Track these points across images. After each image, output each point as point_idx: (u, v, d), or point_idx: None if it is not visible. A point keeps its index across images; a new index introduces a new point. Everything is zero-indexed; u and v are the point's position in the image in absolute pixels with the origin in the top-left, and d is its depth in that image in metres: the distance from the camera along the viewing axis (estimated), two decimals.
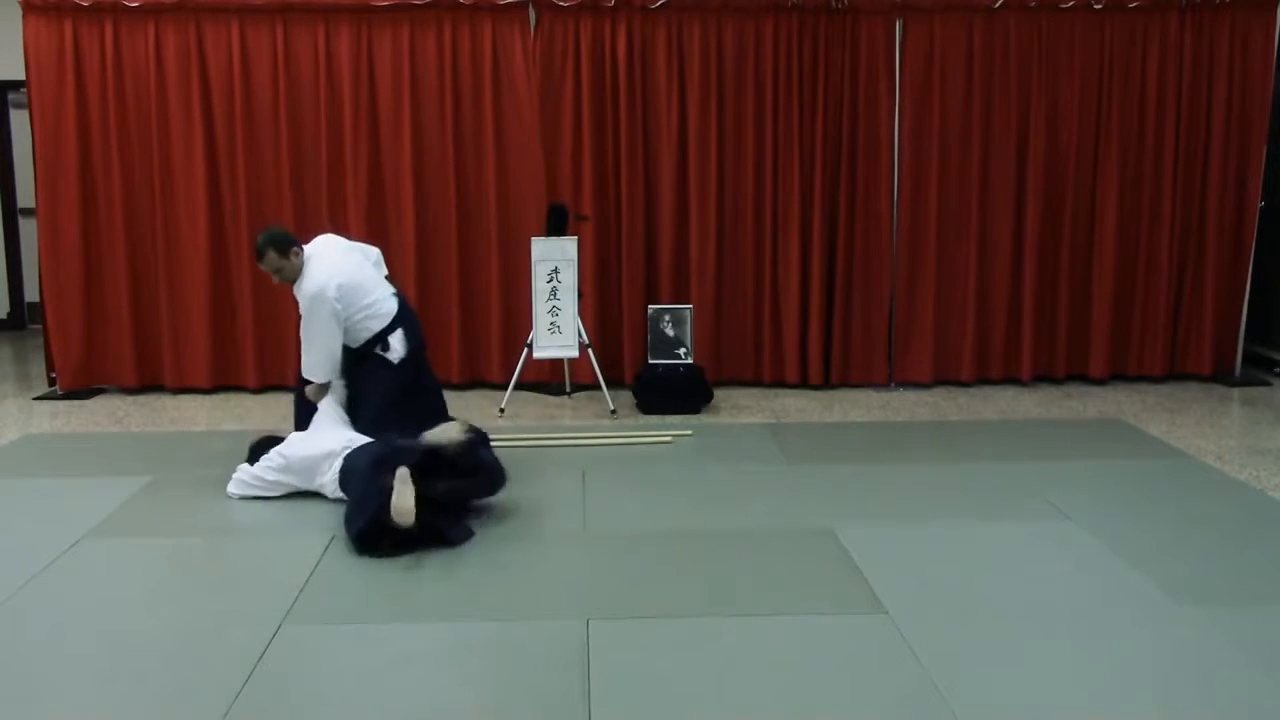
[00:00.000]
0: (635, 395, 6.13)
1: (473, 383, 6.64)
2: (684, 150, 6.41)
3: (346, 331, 4.61)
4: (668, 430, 5.55)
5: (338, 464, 4.31)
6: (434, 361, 6.54)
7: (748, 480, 4.76)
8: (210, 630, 3.29)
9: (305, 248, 4.67)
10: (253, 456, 4.57)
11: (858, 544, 3.93)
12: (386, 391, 4.60)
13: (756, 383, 6.67)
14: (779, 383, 6.64)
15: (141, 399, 6.45)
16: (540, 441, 5.36)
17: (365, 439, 4.42)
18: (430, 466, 3.95)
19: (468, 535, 3.97)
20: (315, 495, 4.47)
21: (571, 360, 6.33)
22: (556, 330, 6.02)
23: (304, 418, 4.71)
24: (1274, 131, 6.66)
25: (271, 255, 4.55)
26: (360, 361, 4.70)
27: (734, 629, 3.29)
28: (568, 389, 6.48)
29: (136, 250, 6.44)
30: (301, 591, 3.56)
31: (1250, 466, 4.95)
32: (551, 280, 5.95)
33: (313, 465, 4.39)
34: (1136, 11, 6.42)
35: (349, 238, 6.36)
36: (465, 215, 6.44)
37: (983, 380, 6.70)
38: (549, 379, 6.52)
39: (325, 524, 4.17)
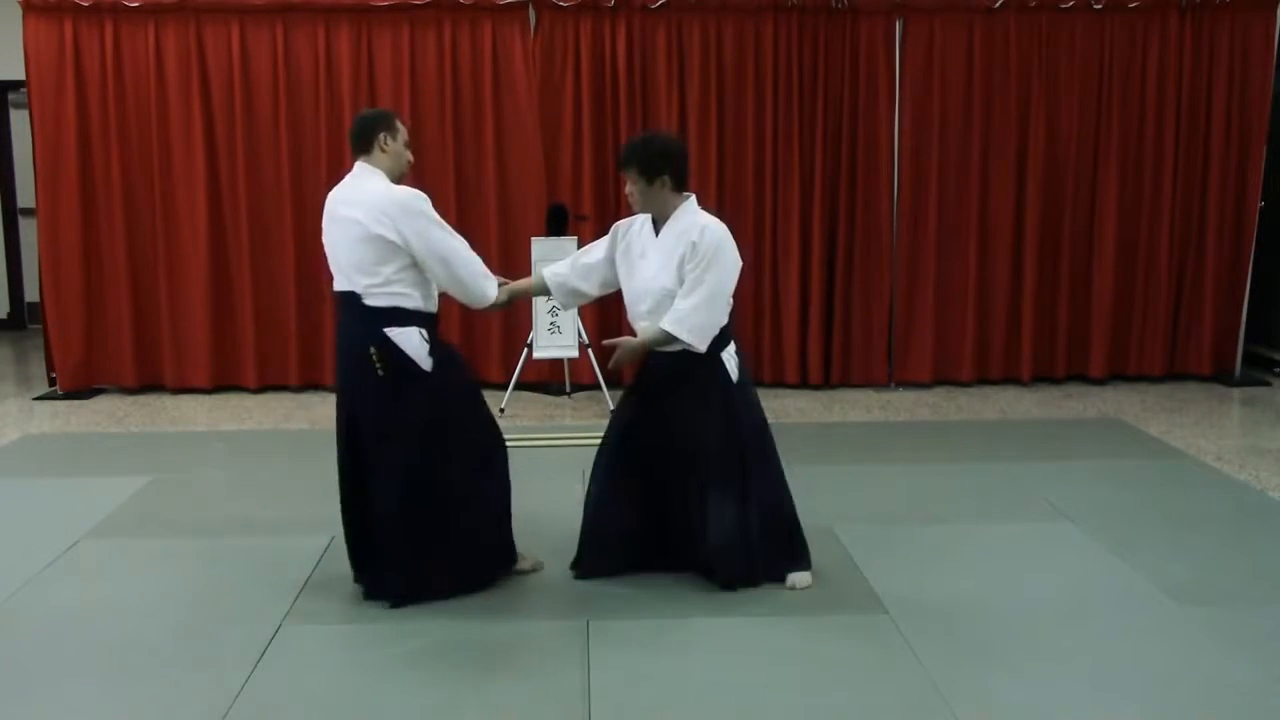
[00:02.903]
0: None
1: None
2: None
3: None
4: None
5: None
6: None
7: None
8: (210, 630, 3.29)
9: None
10: None
11: (858, 544, 3.93)
12: None
13: (756, 383, 6.64)
14: (779, 383, 6.64)
15: (141, 399, 6.45)
16: (540, 441, 5.36)
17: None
18: None
19: None
20: (314, 496, 4.46)
21: (571, 360, 6.33)
22: (556, 330, 6.02)
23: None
24: (1274, 131, 6.66)
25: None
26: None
27: (734, 629, 3.29)
28: (568, 389, 6.48)
29: (136, 250, 6.44)
30: (301, 591, 3.56)
31: (1250, 466, 4.95)
32: None
33: None
34: (1136, 11, 6.42)
35: None
36: (465, 215, 6.44)
37: (983, 380, 6.69)
38: (549, 379, 6.52)
39: (325, 524, 4.16)
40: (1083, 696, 2.88)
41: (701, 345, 3.40)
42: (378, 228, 3.33)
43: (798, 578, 3.57)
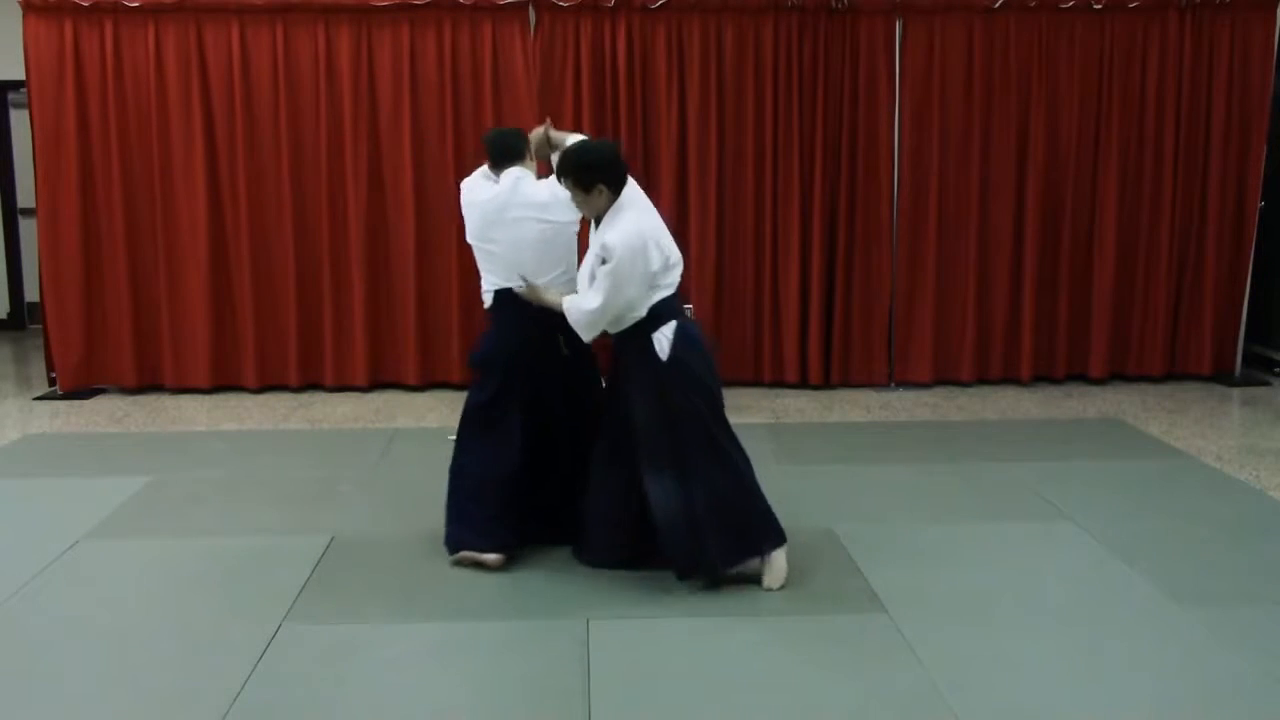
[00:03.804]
0: None
1: None
2: (684, 150, 6.41)
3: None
4: None
5: None
6: (435, 361, 6.57)
7: None
8: (210, 630, 3.29)
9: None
10: None
11: (858, 544, 3.93)
12: None
13: (756, 383, 6.67)
14: (779, 383, 6.64)
15: (141, 399, 6.44)
16: None
17: None
18: None
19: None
20: (314, 496, 4.47)
21: None
22: None
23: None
24: (1274, 131, 6.66)
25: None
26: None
27: (734, 629, 3.29)
28: None
29: (136, 250, 6.44)
30: (301, 591, 3.56)
31: (1250, 466, 4.95)
32: None
33: None
34: (1136, 11, 6.42)
35: (348, 238, 6.42)
36: None
37: (983, 380, 6.69)
38: None
39: (325, 524, 4.17)
40: (1083, 696, 2.88)
41: (583, 335, 3.56)
42: (572, 226, 3.72)
43: (772, 579, 3.55)
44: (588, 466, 3.72)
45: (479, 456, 3.75)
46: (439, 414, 6.00)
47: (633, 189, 3.55)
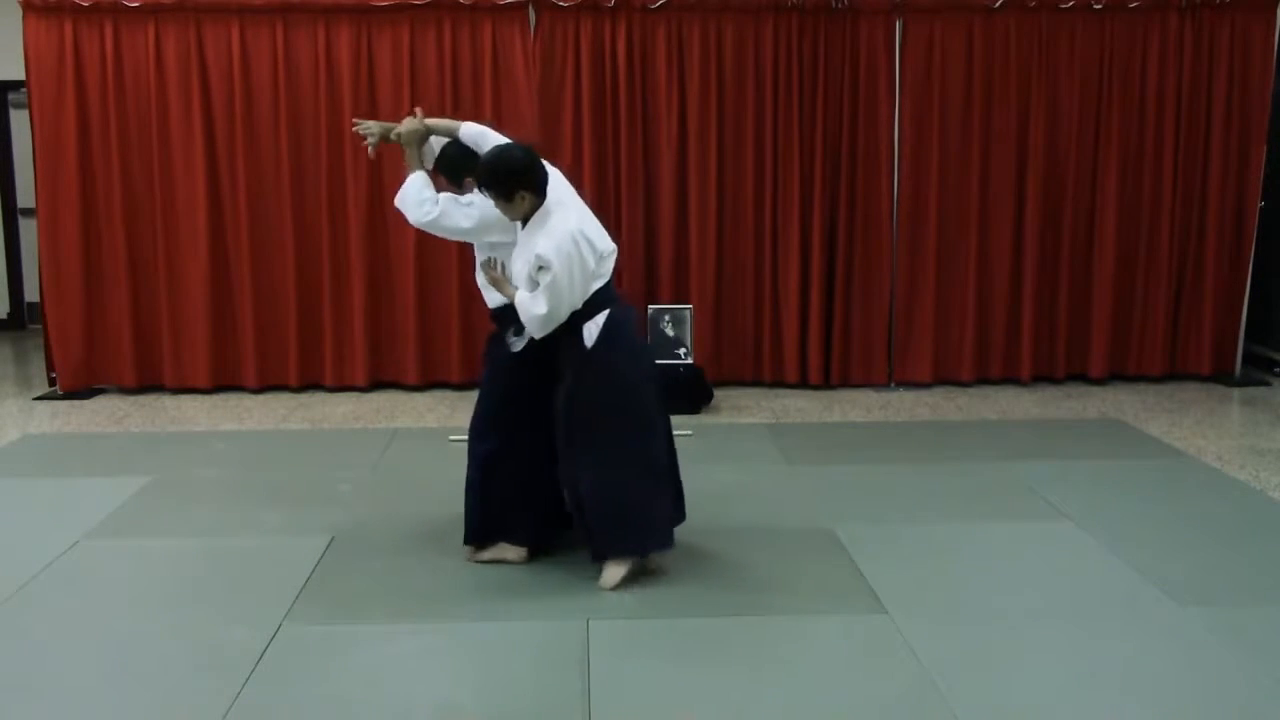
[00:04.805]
0: None
1: (472, 383, 6.63)
2: (684, 150, 6.41)
3: None
4: None
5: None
6: (435, 361, 6.57)
7: (748, 480, 4.76)
8: (210, 630, 3.29)
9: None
10: None
11: (858, 544, 3.93)
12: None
13: (756, 383, 6.67)
14: (779, 383, 6.64)
15: (141, 399, 6.45)
16: None
17: None
18: None
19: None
20: (313, 496, 4.46)
21: None
22: None
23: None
24: (1274, 131, 6.66)
25: None
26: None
27: (734, 629, 3.29)
28: None
29: (136, 250, 6.43)
30: (301, 591, 3.56)
31: (1250, 466, 4.95)
32: None
33: None
34: (1136, 11, 6.42)
35: (348, 238, 6.42)
36: None
37: (983, 380, 6.69)
38: None
39: (325, 524, 4.17)
40: (1083, 697, 2.89)
41: (534, 334, 3.55)
42: None
43: (607, 576, 3.56)
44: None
45: (512, 450, 3.72)
46: (439, 414, 6.00)
47: (556, 187, 3.55)
